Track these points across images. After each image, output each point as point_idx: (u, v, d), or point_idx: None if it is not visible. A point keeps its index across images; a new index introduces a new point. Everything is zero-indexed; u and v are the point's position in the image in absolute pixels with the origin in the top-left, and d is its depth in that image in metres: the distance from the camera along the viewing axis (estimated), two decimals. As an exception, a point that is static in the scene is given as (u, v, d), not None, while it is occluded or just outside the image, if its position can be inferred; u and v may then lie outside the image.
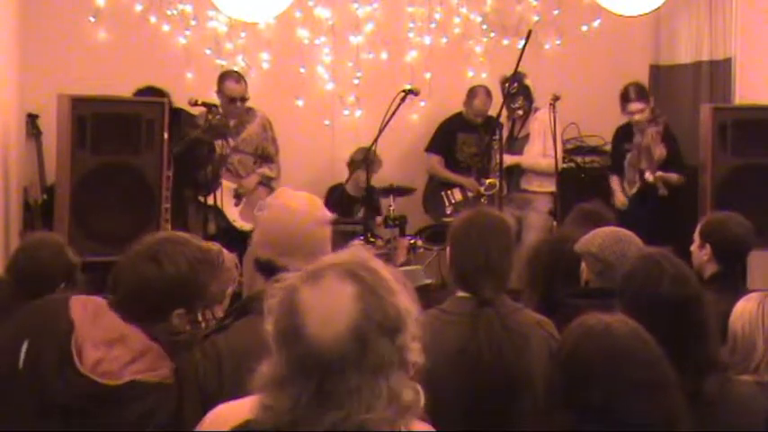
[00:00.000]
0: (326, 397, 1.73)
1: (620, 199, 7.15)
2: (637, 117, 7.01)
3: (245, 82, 6.90)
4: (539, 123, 7.29)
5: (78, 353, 2.68)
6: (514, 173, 7.39)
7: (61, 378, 2.68)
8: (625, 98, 7.08)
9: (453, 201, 7.44)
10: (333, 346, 1.72)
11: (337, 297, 1.75)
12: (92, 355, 2.68)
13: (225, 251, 3.60)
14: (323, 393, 1.73)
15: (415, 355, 1.80)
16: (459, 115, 7.57)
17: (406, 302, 1.81)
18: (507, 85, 6.87)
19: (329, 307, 1.75)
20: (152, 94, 6.56)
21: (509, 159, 7.16)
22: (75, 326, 2.73)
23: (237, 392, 1.95)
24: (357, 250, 1.87)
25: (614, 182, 7.29)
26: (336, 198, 6.96)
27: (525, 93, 7.27)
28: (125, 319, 2.76)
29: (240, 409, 1.86)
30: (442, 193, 7.50)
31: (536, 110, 7.35)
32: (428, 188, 7.63)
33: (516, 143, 7.41)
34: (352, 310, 1.74)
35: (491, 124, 7.24)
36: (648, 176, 6.92)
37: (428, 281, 4.01)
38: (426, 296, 3.62)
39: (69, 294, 2.88)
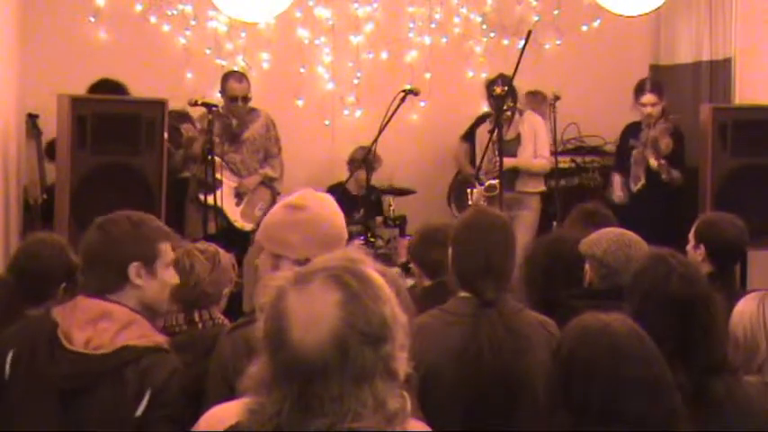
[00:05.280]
0: (309, 403, 1.73)
1: (618, 194, 7.15)
2: (649, 110, 7.00)
3: (248, 82, 6.91)
4: (528, 125, 7.29)
5: (67, 339, 2.73)
6: (507, 174, 7.37)
7: (54, 362, 2.71)
8: (639, 90, 7.08)
9: (473, 199, 7.41)
10: (314, 353, 1.72)
11: (321, 304, 1.75)
12: (80, 337, 2.73)
13: (222, 251, 3.61)
14: (305, 399, 1.73)
15: (404, 364, 1.80)
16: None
17: (394, 311, 1.80)
18: (499, 87, 6.86)
19: (312, 313, 1.75)
20: (108, 87, 6.58)
21: (507, 162, 7.16)
22: (59, 321, 2.78)
23: None
24: (351, 252, 1.86)
25: (616, 179, 7.29)
26: (337, 197, 6.94)
27: (512, 95, 7.26)
28: (95, 296, 2.81)
29: (233, 410, 1.86)
30: (468, 190, 7.47)
31: (521, 111, 7.34)
32: (454, 182, 7.63)
33: (505, 145, 7.40)
34: (335, 317, 1.74)
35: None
36: (653, 162, 6.91)
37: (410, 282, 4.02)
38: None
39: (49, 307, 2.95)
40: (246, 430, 1.79)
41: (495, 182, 6.89)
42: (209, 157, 6.32)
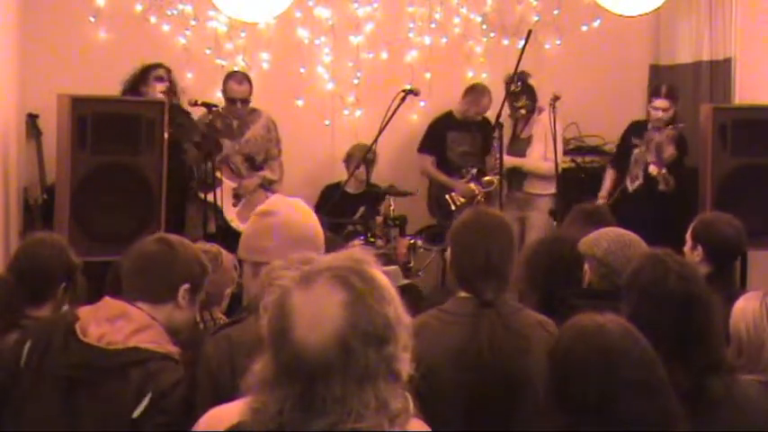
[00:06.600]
0: (311, 403, 1.73)
1: (603, 196, 7.15)
2: (660, 114, 7.00)
3: (250, 84, 6.91)
4: (541, 126, 7.29)
5: (83, 333, 2.79)
6: (515, 174, 7.38)
7: (66, 352, 2.78)
8: (655, 93, 7.09)
9: (458, 203, 7.40)
10: (317, 353, 1.73)
11: (325, 304, 1.76)
12: (95, 332, 2.79)
13: (224, 252, 3.62)
14: (307, 399, 1.73)
15: (407, 365, 1.80)
16: (449, 114, 7.56)
17: (397, 312, 1.80)
18: (513, 84, 6.85)
19: (316, 313, 1.75)
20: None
21: (511, 161, 7.16)
22: (81, 316, 2.84)
23: None
24: (356, 253, 1.86)
25: (607, 177, 7.29)
26: (334, 197, 6.95)
27: (529, 92, 7.25)
28: (130, 301, 2.86)
29: (233, 411, 1.87)
30: (446, 197, 7.46)
31: (540, 110, 7.34)
32: (431, 191, 7.60)
33: (519, 144, 7.40)
34: (339, 317, 1.74)
35: (486, 124, 7.26)
36: (653, 169, 6.92)
37: (405, 281, 4.01)
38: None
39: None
40: (248, 430, 1.79)
41: (493, 177, 6.89)
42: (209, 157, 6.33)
